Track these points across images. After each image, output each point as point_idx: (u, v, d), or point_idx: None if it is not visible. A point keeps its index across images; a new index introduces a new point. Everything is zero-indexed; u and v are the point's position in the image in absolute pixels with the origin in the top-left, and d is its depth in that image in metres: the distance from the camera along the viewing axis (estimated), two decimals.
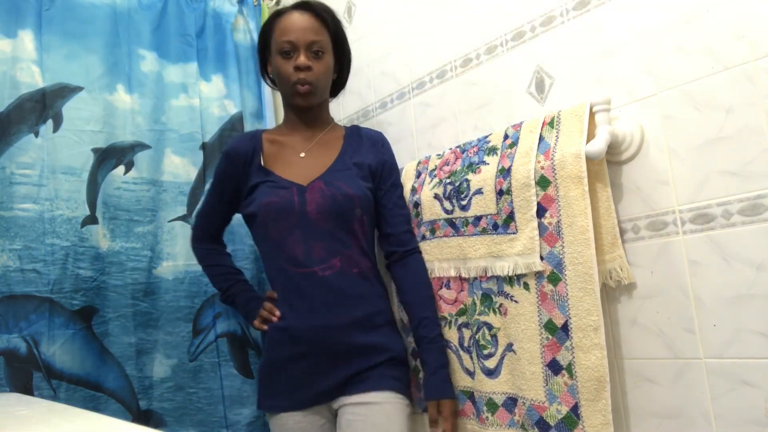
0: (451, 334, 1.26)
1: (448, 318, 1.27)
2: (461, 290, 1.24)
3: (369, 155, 1.36)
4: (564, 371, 1.02)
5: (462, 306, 1.24)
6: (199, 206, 1.29)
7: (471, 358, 1.22)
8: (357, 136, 1.40)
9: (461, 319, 1.24)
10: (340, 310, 1.24)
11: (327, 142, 1.38)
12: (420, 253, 1.33)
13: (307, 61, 1.30)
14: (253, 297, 1.41)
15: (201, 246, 1.48)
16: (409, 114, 1.56)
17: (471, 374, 1.22)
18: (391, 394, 1.22)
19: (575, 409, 1.00)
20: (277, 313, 1.29)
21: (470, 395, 1.22)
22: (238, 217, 1.85)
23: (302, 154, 1.36)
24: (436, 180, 1.30)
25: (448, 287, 1.27)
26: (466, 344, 1.23)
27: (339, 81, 1.46)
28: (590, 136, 1.03)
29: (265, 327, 1.31)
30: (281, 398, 1.27)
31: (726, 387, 0.93)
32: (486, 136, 1.23)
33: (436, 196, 1.29)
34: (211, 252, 1.48)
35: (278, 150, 1.36)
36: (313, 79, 1.30)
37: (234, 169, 1.36)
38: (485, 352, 1.17)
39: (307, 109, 1.37)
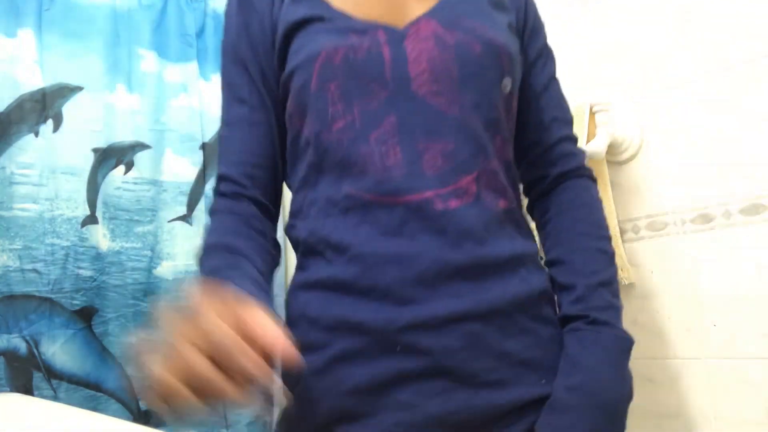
0: None
1: None
2: None
3: None
4: None
5: None
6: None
7: None
8: None
9: None
10: (481, 282, 0.64)
11: None
12: (588, 178, 0.75)
13: None
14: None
15: (224, 214, 0.70)
16: None
17: None
18: None
19: None
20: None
21: None
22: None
23: None
24: None
25: None
26: None
27: None
28: (590, 136, 1.03)
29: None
30: None
31: (726, 387, 0.93)
32: None
33: None
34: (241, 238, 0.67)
35: None
36: None
37: (255, 14, 0.70)
38: None
39: None
